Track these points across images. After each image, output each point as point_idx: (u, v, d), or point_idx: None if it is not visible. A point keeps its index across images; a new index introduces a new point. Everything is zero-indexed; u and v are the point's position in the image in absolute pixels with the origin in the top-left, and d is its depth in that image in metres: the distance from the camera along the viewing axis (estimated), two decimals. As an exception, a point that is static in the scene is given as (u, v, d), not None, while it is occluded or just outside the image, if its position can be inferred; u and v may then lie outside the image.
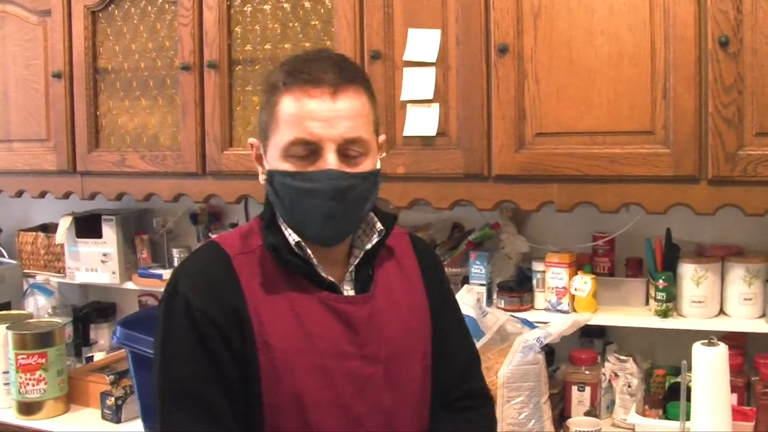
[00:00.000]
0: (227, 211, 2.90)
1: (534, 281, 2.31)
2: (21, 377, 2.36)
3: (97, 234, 2.84)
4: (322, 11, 2.27)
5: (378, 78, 2.15)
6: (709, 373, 1.77)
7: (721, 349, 1.78)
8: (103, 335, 2.96)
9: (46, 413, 2.39)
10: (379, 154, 1.45)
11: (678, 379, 1.96)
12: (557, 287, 2.25)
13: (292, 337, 1.37)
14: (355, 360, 1.40)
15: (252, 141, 1.48)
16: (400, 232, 1.58)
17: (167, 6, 2.49)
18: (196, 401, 1.34)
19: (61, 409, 2.43)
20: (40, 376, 2.36)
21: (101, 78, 2.63)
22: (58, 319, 2.63)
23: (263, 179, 1.43)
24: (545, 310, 2.28)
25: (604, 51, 1.94)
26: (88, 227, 2.86)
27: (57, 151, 2.70)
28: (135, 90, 2.56)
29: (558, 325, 2.10)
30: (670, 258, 2.18)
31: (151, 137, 2.55)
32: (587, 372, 2.20)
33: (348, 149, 1.36)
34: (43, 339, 2.38)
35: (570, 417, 2.15)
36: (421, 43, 2.12)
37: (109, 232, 2.83)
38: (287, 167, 1.36)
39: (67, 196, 2.75)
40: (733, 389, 1.90)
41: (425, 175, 2.15)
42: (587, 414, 2.15)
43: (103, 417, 2.39)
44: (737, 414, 1.88)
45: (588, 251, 2.34)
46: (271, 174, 1.40)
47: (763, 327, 2.07)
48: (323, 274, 1.41)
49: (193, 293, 1.36)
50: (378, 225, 1.46)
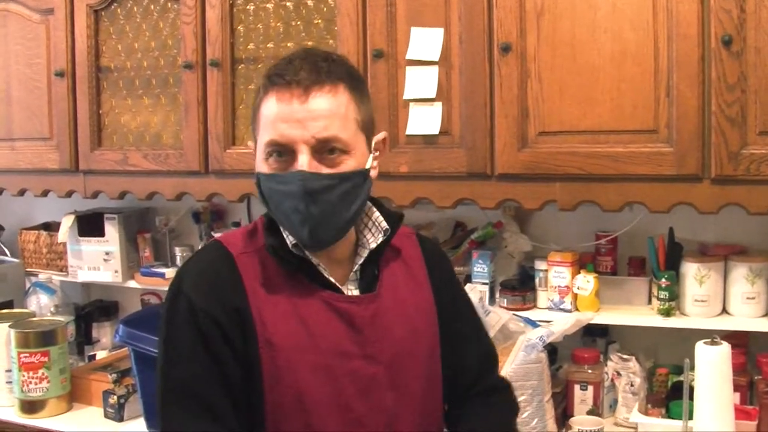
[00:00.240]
0: (230, 210, 2.89)
1: (537, 280, 2.32)
2: (23, 376, 2.37)
3: (100, 232, 2.84)
4: (324, 10, 2.26)
5: (381, 77, 2.15)
6: (712, 372, 1.76)
7: (724, 348, 1.77)
8: (106, 334, 2.96)
9: (48, 412, 2.39)
10: (376, 152, 1.44)
11: (681, 378, 1.96)
12: (560, 286, 2.25)
13: (294, 336, 1.36)
14: (358, 360, 1.40)
15: (250, 143, 1.49)
16: (407, 231, 1.57)
17: (170, 4, 2.48)
18: (197, 401, 1.34)
19: (64, 408, 2.43)
20: (42, 374, 2.37)
21: (104, 76, 2.63)
22: (60, 318, 2.63)
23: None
24: (548, 309, 2.28)
25: (607, 50, 1.94)
26: (90, 226, 2.86)
27: (59, 150, 2.70)
28: (138, 88, 2.56)
29: (561, 324, 2.10)
30: (673, 257, 2.18)
31: (154, 136, 2.55)
32: (590, 371, 2.20)
33: (325, 149, 1.34)
34: (46, 337, 2.38)
35: (573, 416, 2.15)
36: (424, 42, 2.12)
37: (112, 230, 2.83)
38: (265, 169, 1.37)
39: (70, 194, 2.75)
40: (736, 388, 1.90)
41: (428, 174, 2.15)
42: (590, 413, 2.15)
43: (106, 415, 2.39)
44: (740, 413, 1.89)
45: (591, 250, 2.34)
46: (257, 176, 1.40)
47: (766, 326, 2.07)
48: (325, 274, 1.41)
49: (196, 293, 1.36)
50: (384, 224, 1.46)
